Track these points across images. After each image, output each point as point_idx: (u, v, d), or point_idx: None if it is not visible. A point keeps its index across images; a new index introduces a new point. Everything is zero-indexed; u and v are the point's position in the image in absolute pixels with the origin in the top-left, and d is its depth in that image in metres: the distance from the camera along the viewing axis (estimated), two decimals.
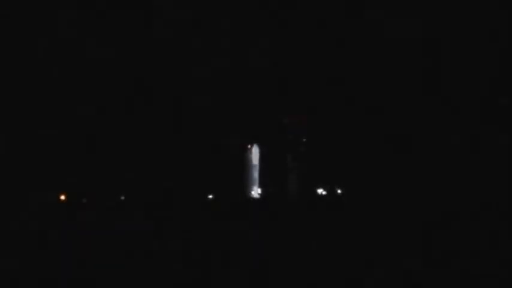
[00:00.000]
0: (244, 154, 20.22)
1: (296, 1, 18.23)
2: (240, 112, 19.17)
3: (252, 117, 19.32)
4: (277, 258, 10.02)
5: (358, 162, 18.38)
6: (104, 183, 17.79)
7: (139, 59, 18.17)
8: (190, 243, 11.35)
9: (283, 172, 20.10)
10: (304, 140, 19.99)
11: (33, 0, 17.06)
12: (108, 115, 18.22)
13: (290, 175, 20.04)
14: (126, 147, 18.21)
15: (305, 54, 18.57)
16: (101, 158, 17.97)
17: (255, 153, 20.24)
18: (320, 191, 19.65)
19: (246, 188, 20.15)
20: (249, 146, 20.21)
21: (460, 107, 16.78)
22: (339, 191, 19.33)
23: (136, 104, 18.49)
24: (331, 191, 19.39)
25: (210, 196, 18.93)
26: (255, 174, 20.21)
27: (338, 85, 18.51)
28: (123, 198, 18.03)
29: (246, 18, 18.39)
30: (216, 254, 10.46)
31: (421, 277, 8.70)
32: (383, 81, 17.98)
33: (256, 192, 20.17)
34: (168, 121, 18.73)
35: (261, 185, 20.22)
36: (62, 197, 17.00)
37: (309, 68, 18.68)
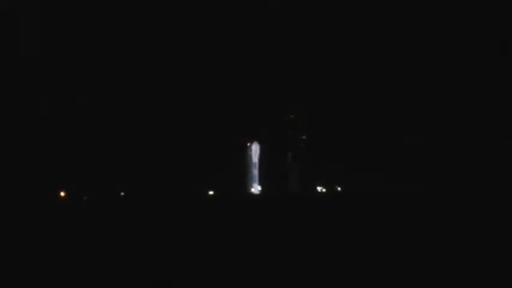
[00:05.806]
0: (245, 151, 20.25)
1: (297, 1, 18.28)
2: (240, 110, 19.20)
3: (252, 115, 19.35)
4: (277, 254, 10.04)
5: (358, 160, 18.43)
6: (104, 180, 17.83)
7: (139, 58, 18.21)
8: (190, 239, 11.38)
9: (283, 169, 20.14)
10: (304, 137, 20.04)
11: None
12: (108, 114, 18.28)
13: (290, 172, 20.08)
14: (127, 145, 18.26)
15: (305, 53, 18.61)
16: (101, 156, 18.02)
17: (255, 150, 20.26)
18: (320, 188, 19.70)
19: (246, 185, 20.19)
20: (249, 144, 20.24)
21: (459, 107, 16.81)
22: (339, 189, 19.38)
23: (136, 102, 18.54)
24: (330, 189, 19.43)
25: (211, 192, 18.98)
26: (255, 171, 20.24)
27: (338, 84, 18.55)
28: (122, 194, 18.10)
29: (247, 18, 18.43)
30: (215, 249, 10.48)
31: (419, 275, 8.72)
32: (382, 81, 18.03)
33: (256, 189, 20.21)
34: (168, 119, 18.77)
35: (261, 182, 20.26)
36: (62, 194, 17.04)
37: (309, 67, 18.72)
